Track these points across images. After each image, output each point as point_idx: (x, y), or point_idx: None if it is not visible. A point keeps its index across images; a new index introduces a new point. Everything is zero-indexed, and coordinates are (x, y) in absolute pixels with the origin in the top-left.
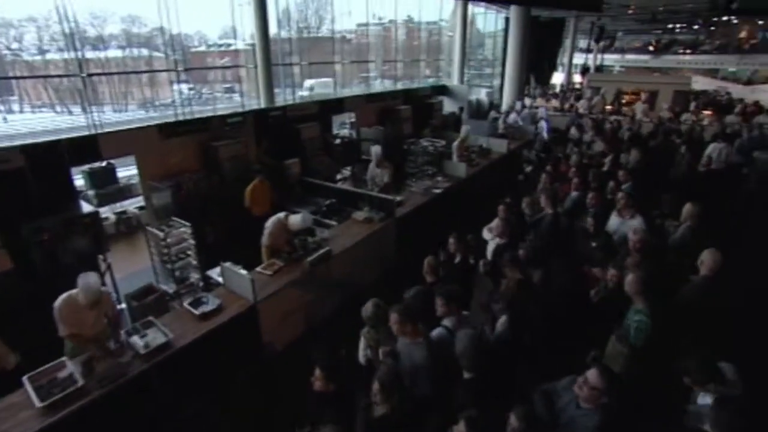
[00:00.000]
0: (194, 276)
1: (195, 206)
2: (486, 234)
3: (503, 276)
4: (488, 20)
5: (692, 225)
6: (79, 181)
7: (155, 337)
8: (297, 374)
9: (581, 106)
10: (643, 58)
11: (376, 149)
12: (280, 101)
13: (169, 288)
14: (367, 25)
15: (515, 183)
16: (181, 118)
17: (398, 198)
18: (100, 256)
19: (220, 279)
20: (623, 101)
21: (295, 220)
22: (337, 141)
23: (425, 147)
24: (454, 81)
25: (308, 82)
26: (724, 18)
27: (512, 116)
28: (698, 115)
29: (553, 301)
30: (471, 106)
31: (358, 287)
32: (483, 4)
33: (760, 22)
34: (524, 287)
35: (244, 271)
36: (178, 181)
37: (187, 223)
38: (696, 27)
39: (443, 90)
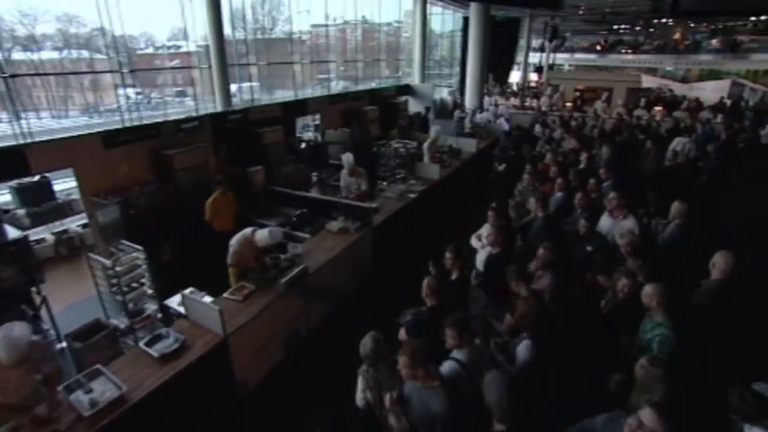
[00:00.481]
0: (151, 307)
1: (148, 223)
2: (475, 242)
3: (499, 288)
4: (441, 20)
5: (681, 223)
6: (3, 197)
7: (104, 391)
8: (276, 412)
9: (543, 103)
10: (590, 57)
11: (347, 158)
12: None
13: (121, 322)
14: (326, 25)
15: (487, 182)
16: (128, 124)
17: (373, 205)
18: (33, 289)
19: (181, 309)
20: (579, 98)
21: (263, 235)
22: (303, 145)
23: (396, 149)
24: (415, 80)
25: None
26: (663, 20)
27: (481, 115)
28: (650, 111)
29: (572, 320)
30: (435, 106)
31: (338, 304)
32: (441, 3)
33: (692, 25)
34: (543, 307)
35: (209, 299)
36: (126, 196)
37: (139, 247)
38: (638, 28)
39: (407, 90)
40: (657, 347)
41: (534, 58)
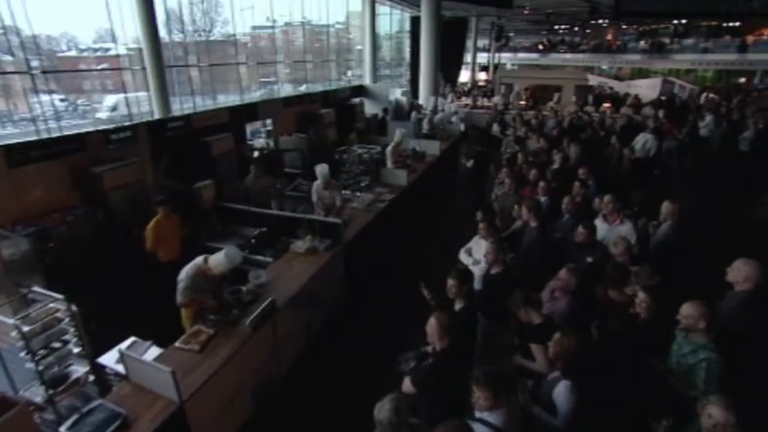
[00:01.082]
0: (79, 369)
1: (72, 259)
2: (464, 258)
3: (500, 312)
4: (387, 21)
5: (673, 223)
6: None
7: None
8: None
9: (498, 102)
10: (532, 57)
11: (322, 169)
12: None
13: (36, 394)
14: (270, 27)
15: (453, 182)
16: (47, 136)
17: (343, 218)
18: None
19: (120, 368)
20: (530, 97)
21: (218, 260)
22: (255, 153)
23: (360, 155)
24: (366, 81)
25: (110, 100)
26: (599, 21)
27: (438, 116)
28: (598, 109)
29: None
30: (392, 107)
31: (312, 340)
32: (389, 2)
33: (624, 26)
34: (579, 339)
35: (156, 351)
36: (42, 227)
37: (58, 296)
38: (576, 29)
39: (361, 91)
40: (705, 374)
41: (480, 58)
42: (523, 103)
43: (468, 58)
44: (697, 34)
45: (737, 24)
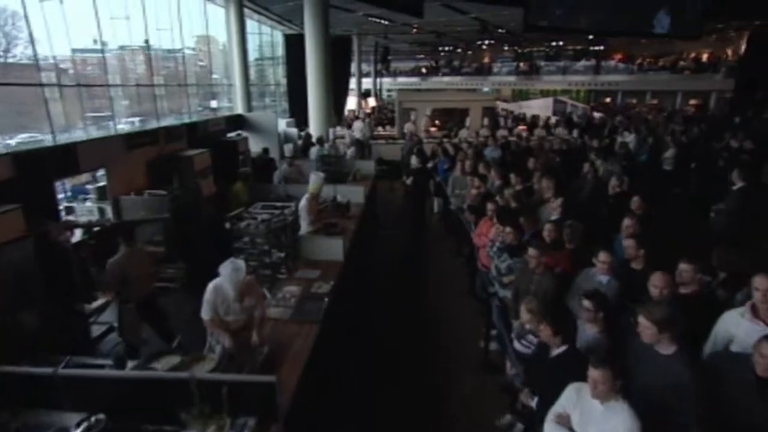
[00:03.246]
0: None
1: None
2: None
3: None
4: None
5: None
6: None
7: None
8: None
9: (411, 130)
10: (413, 81)
11: (234, 268)
12: None
13: None
14: (101, 51)
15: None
16: None
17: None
18: None
19: None
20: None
21: None
22: (74, 235)
23: (267, 222)
24: (239, 111)
25: None
26: (481, 42)
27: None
28: (511, 132)
29: None
30: (287, 141)
31: None
32: (261, 18)
33: (506, 48)
34: None
35: None
36: None
37: None
38: (459, 50)
39: (240, 122)
40: None
41: (364, 83)
42: (433, 129)
43: (352, 83)
44: (565, 57)
45: (601, 48)
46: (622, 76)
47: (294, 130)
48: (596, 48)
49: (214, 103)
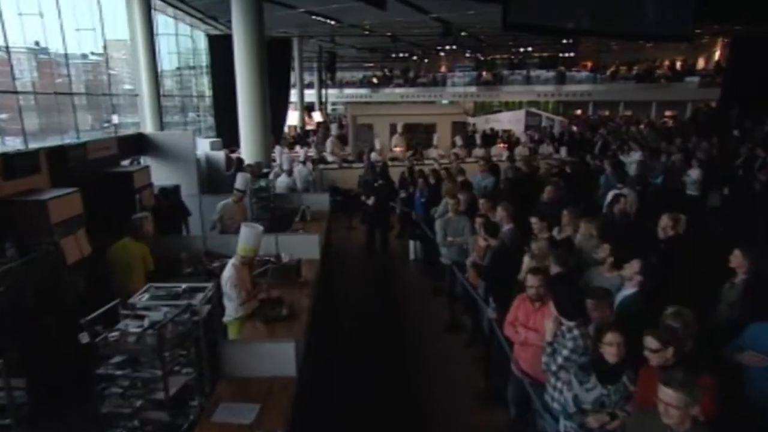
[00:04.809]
0: None
1: None
2: None
3: None
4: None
5: None
6: None
7: None
8: None
9: (374, 157)
10: (362, 92)
11: None
12: None
13: None
14: None
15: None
16: None
17: None
18: None
19: None
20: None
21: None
22: None
23: (157, 327)
24: (147, 129)
25: None
26: (440, 48)
27: (284, 178)
28: (488, 151)
29: None
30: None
31: None
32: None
33: (468, 55)
34: None
35: None
36: None
37: None
38: (415, 58)
39: (141, 144)
40: None
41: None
42: (398, 149)
43: (293, 95)
44: (531, 65)
45: (572, 54)
46: (593, 85)
47: (220, 154)
48: (566, 55)
49: (115, 118)
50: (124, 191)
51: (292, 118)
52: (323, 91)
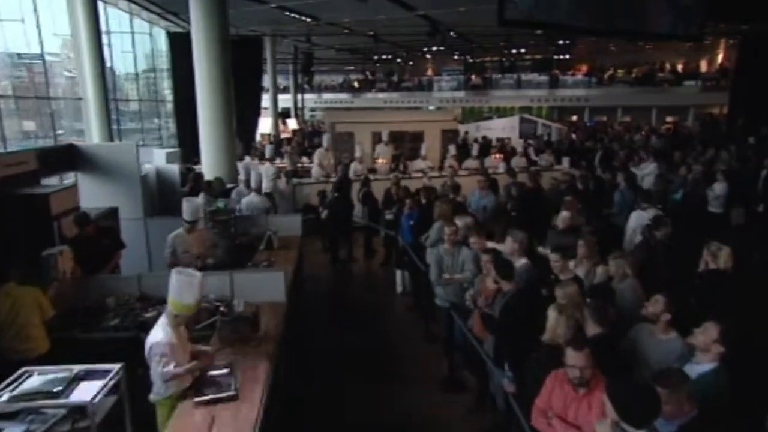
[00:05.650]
0: None
1: None
2: None
3: None
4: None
5: None
6: None
7: None
8: None
9: (354, 169)
10: (342, 97)
11: None
12: None
13: None
14: None
15: None
16: None
17: None
18: None
19: None
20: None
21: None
22: None
23: None
24: (93, 138)
25: None
26: (427, 49)
27: (251, 198)
28: (483, 163)
29: None
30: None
31: None
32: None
33: (456, 57)
34: None
35: None
36: None
37: None
38: (398, 60)
39: (70, 158)
40: None
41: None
42: (381, 161)
43: (266, 100)
44: (522, 68)
45: (567, 57)
46: (589, 90)
47: (174, 168)
48: (560, 57)
49: (60, 129)
50: (37, 218)
51: (265, 125)
52: (299, 96)
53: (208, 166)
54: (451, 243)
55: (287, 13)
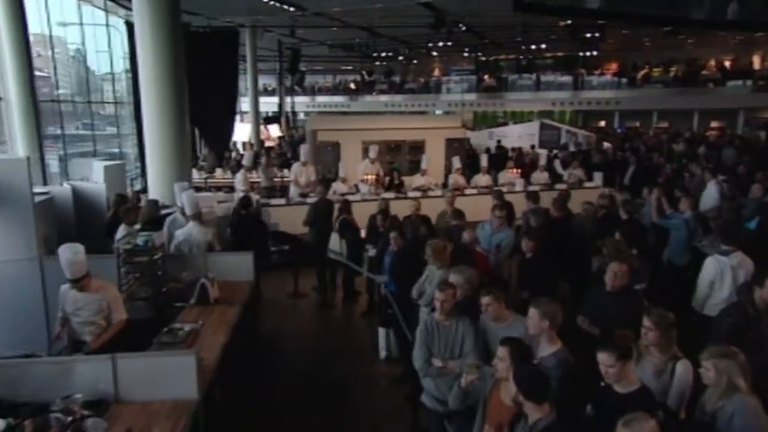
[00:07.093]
0: None
1: None
2: None
3: None
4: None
5: None
6: None
7: None
8: None
9: (337, 189)
10: (338, 100)
11: None
12: None
13: None
14: None
15: None
16: None
17: None
18: None
19: None
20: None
21: None
22: None
23: None
24: (18, 149)
25: None
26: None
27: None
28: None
29: None
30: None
31: None
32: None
33: (466, 54)
34: None
35: None
36: None
37: None
38: (401, 58)
39: None
40: None
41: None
42: (368, 178)
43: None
44: (542, 67)
45: (594, 53)
46: (618, 91)
47: (99, 188)
48: (587, 54)
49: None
50: None
51: (243, 131)
52: (289, 99)
53: (153, 184)
54: (445, 313)
55: (267, 0)
